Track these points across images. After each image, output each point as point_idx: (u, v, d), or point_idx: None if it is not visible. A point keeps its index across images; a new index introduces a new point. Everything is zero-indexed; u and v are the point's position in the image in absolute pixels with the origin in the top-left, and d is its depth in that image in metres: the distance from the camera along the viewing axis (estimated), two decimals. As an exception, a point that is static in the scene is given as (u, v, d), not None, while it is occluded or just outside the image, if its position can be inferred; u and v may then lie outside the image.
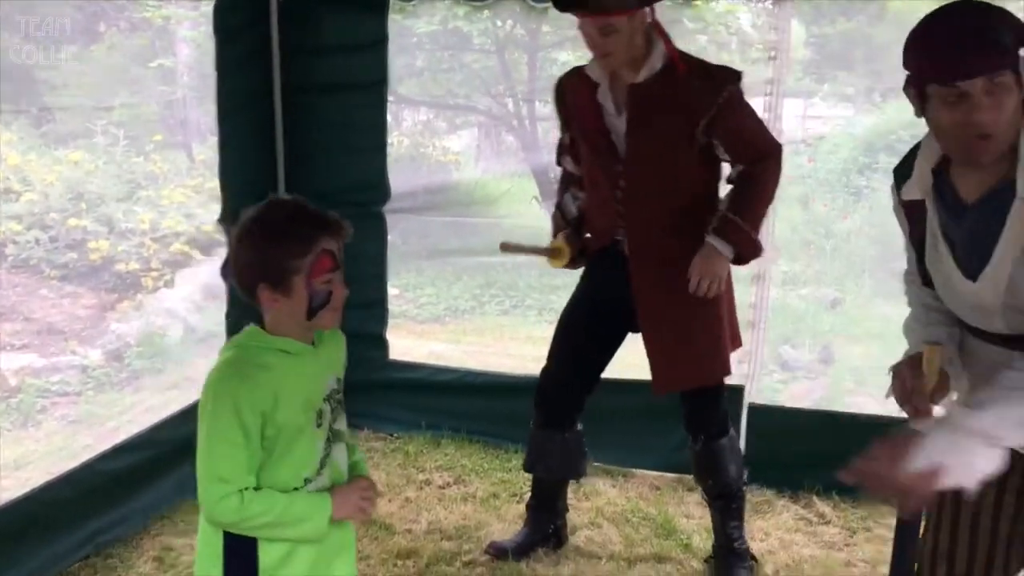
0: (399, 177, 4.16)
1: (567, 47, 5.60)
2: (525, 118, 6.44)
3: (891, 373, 1.86)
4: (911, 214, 1.84)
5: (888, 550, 3.17)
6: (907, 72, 1.67)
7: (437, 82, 7.00)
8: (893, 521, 3.32)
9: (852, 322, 4.96)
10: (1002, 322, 1.73)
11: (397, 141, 6.67)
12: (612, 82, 2.73)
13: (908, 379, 1.77)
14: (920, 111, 1.67)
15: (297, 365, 1.79)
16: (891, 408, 4.58)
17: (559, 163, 3.05)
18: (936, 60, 1.59)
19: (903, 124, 5.24)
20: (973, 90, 1.56)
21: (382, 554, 3.09)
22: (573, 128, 2.91)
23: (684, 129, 2.66)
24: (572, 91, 2.86)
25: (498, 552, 3.09)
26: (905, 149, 1.90)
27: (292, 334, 1.80)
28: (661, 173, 2.72)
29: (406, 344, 4.74)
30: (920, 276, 1.90)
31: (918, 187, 1.78)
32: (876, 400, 4.51)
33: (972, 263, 1.72)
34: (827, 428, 3.61)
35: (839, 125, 6.30)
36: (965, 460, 1.55)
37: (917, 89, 1.64)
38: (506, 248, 2.94)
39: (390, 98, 4.00)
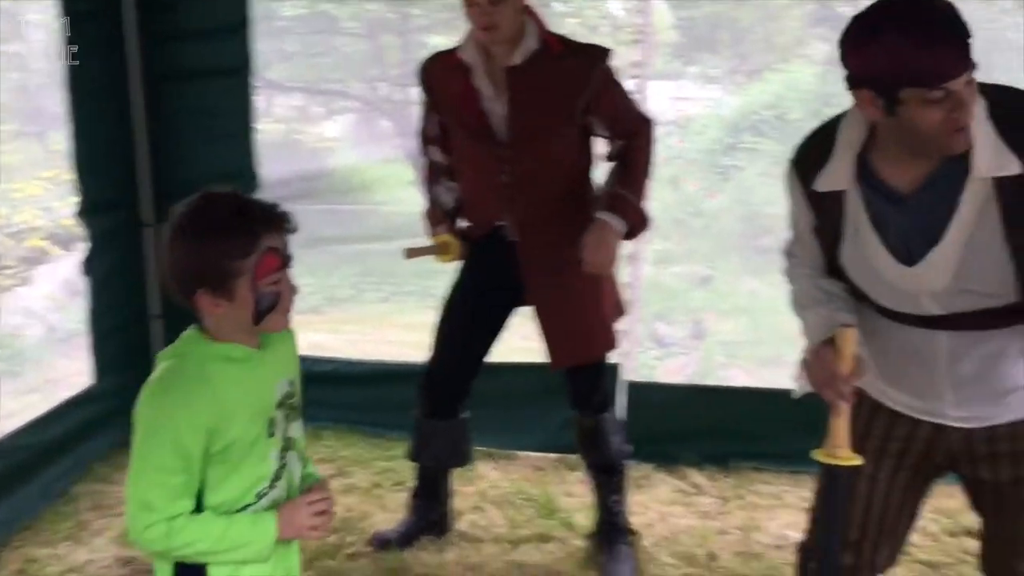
0: (273, 165, 4.04)
1: (438, 30, 5.55)
2: (399, 103, 6.37)
3: (804, 358, 1.84)
4: (820, 205, 1.80)
5: (759, 516, 3.31)
6: (855, 75, 1.61)
7: (308, 67, 6.83)
8: (762, 488, 3.49)
9: (721, 298, 5.11)
10: (933, 304, 1.75)
11: (271, 128, 6.49)
12: (486, 65, 2.72)
13: (829, 364, 1.75)
14: (886, 112, 1.60)
15: (243, 372, 1.64)
16: (760, 380, 4.73)
17: (424, 154, 3.00)
18: (920, 63, 1.53)
19: (765, 105, 5.42)
20: (959, 88, 1.55)
21: (262, 552, 3.02)
22: (444, 114, 2.88)
23: (565, 109, 2.68)
24: (440, 76, 2.83)
25: (381, 543, 3.06)
26: (768, 129, 1.91)
27: (237, 339, 1.65)
28: (545, 155, 2.73)
29: (283, 336, 4.63)
30: (826, 266, 1.88)
31: (842, 177, 1.75)
32: (746, 372, 4.70)
33: (912, 249, 1.72)
34: (701, 401, 3.73)
35: (707, 106, 6.46)
36: None
37: (882, 92, 1.58)
38: (412, 254, 2.90)
39: (258, 83, 3.89)
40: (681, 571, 2.98)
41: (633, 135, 2.74)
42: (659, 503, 3.38)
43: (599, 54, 2.71)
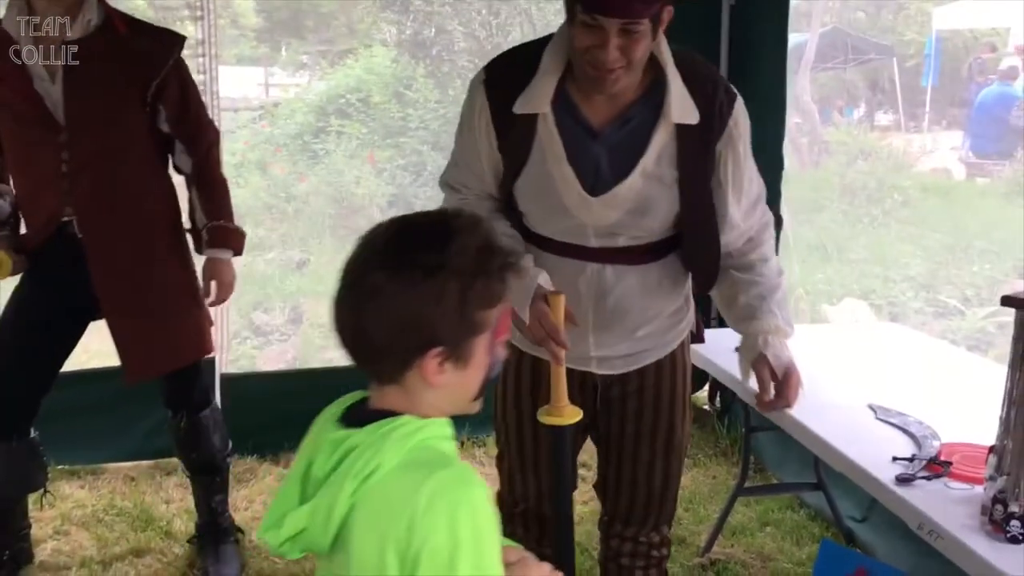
0: None
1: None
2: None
3: (521, 314, 1.81)
4: (509, 129, 1.82)
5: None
6: None
7: None
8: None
9: (318, 280, 5.09)
10: (595, 235, 1.85)
11: None
12: (35, 40, 2.42)
13: (548, 319, 1.77)
14: (568, 19, 1.70)
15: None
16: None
17: None
18: None
19: (349, 89, 5.50)
20: (610, 28, 1.64)
21: None
22: None
23: (133, 93, 2.48)
24: None
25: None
26: (354, 112, 1.88)
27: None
28: (110, 142, 2.48)
29: None
30: (497, 195, 1.90)
31: (543, 100, 1.78)
32: (344, 353, 4.72)
33: (598, 180, 1.80)
34: (302, 386, 3.68)
35: (296, 91, 6.46)
36: None
37: (568, 3, 1.70)
38: None
39: None
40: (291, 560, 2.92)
41: (200, 142, 2.64)
42: (265, 494, 3.28)
43: (175, 40, 2.57)
